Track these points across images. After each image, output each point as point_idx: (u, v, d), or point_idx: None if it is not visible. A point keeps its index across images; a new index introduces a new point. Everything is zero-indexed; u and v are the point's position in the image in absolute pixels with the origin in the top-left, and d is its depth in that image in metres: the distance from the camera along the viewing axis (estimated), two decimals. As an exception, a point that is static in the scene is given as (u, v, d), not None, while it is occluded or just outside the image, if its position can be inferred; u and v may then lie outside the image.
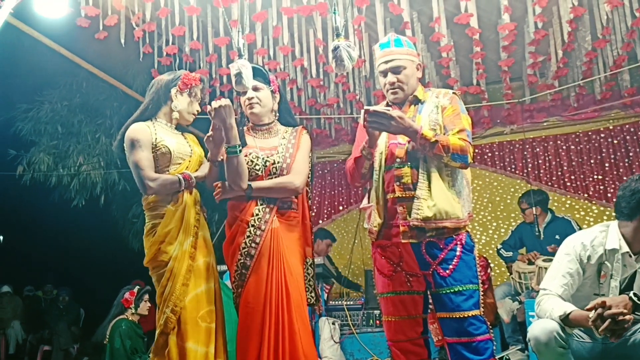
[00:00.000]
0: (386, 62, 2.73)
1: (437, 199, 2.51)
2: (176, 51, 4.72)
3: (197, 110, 2.96)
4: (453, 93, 2.74)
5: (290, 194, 2.87)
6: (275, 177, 2.84)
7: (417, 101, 2.75)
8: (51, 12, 3.92)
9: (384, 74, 2.75)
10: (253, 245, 2.75)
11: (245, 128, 3.01)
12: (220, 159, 2.82)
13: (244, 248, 2.76)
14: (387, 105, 2.80)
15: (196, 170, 2.85)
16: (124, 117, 2.87)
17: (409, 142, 2.60)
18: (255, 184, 2.80)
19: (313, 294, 2.93)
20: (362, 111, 2.53)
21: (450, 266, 2.49)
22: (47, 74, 7.55)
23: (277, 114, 3.04)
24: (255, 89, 2.90)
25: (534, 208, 5.15)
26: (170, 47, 4.65)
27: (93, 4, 4.11)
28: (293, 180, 2.82)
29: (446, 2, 4.47)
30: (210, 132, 2.73)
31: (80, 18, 4.17)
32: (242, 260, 2.76)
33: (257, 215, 2.78)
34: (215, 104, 2.66)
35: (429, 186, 2.53)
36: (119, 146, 2.83)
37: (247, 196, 2.79)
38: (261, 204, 2.80)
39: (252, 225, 2.77)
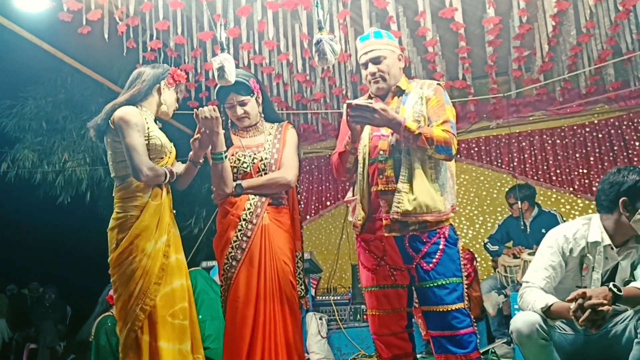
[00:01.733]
0: (366, 53, 2.72)
1: (418, 192, 2.49)
2: (160, 46, 4.68)
3: (176, 107, 2.98)
4: (437, 84, 2.72)
5: (282, 189, 2.93)
6: (265, 174, 2.88)
7: (400, 92, 2.73)
8: (32, 6, 3.88)
9: (365, 65, 2.74)
10: (244, 238, 2.80)
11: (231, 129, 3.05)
12: (201, 161, 2.84)
13: (235, 241, 2.81)
14: (370, 97, 2.79)
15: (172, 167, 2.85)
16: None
17: (392, 134, 2.59)
18: (246, 183, 2.85)
19: (302, 287, 2.99)
20: (344, 105, 2.51)
21: (434, 260, 2.48)
22: (30, 69, 7.49)
23: (262, 114, 3.07)
24: (242, 103, 2.93)
25: (520, 202, 5.17)
26: (154, 41, 4.61)
27: (75, -3, 4.06)
28: (284, 175, 2.88)
29: (431, -4, 4.47)
30: (197, 135, 2.74)
31: (62, 12, 4.12)
32: (232, 253, 2.80)
33: (248, 209, 2.83)
34: (202, 113, 2.67)
35: (411, 179, 2.51)
36: (103, 123, 2.74)
37: (237, 194, 2.83)
38: (253, 198, 2.85)
39: (244, 220, 2.82)
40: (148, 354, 2.52)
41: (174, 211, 2.85)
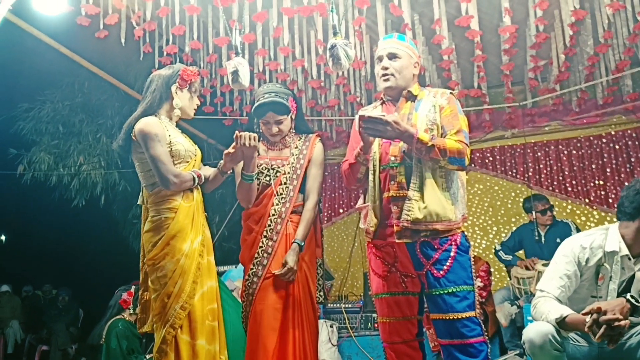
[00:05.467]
0: (384, 47, 2.73)
1: (429, 200, 2.47)
2: (176, 51, 4.70)
3: (197, 104, 2.95)
4: (450, 93, 2.71)
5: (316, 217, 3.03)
6: (285, 186, 2.95)
7: (412, 97, 2.72)
8: (50, 10, 3.91)
9: (380, 59, 2.74)
10: (265, 255, 2.89)
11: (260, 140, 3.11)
12: (229, 172, 2.88)
13: (256, 258, 2.90)
14: (382, 102, 2.79)
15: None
16: (126, 118, 2.86)
17: None
18: (301, 236, 2.88)
19: (322, 293, 3.05)
20: (357, 116, 2.50)
21: (445, 267, 2.46)
22: (48, 73, 7.58)
23: (293, 129, 3.12)
24: (279, 122, 2.98)
25: (549, 211, 5.12)
26: (170, 46, 4.64)
27: (93, 2, 4.09)
28: (315, 203, 2.98)
29: (447, 4, 4.45)
30: (231, 149, 2.75)
31: (80, 17, 4.15)
32: (254, 270, 2.90)
33: (269, 225, 2.92)
34: (243, 139, 2.69)
35: (422, 187, 2.50)
36: (125, 144, 2.79)
37: (299, 246, 2.87)
38: (273, 215, 2.93)
39: (265, 237, 2.91)
40: (187, 352, 2.56)
41: (206, 214, 2.88)
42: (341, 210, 7.18)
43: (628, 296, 2.16)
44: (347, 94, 5.71)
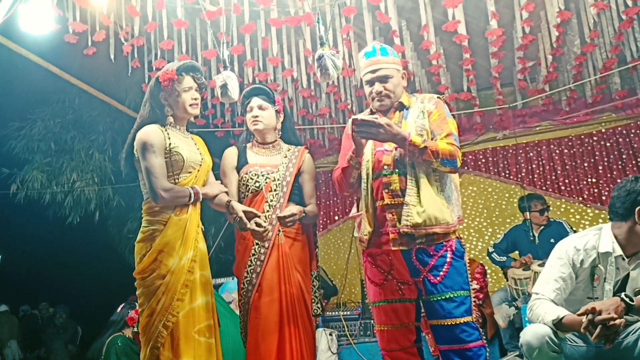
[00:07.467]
0: (373, 71, 2.71)
1: (427, 204, 2.48)
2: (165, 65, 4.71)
3: (194, 98, 2.79)
4: (438, 97, 2.73)
5: (315, 220, 3.13)
6: (275, 193, 2.95)
7: (402, 107, 2.74)
8: (37, 29, 3.90)
9: (371, 83, 2.73)
10: (258, 262, 2.88)
11: (249, 144, 3.12)
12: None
13: (250, 266, 2.90)
14: (372, 112, 2.80)
15: (204, 182, 2.84)
16: (117, 133, 2.87)
17: (395, 148, 2.59)
18: (308, 210, 2.98)
19: (319, 305, 3.05)
20: (350, 120, 2.52)
21: (441, 273, 2.47)
22: (38, 91, 7.57)
23: (280, 133, 3.14)
24: (260, 107, 3.00)
25: (547, 211, 5.13)
26: (159, 61, 4.63)
27: (80, 19, 4.09)
28: (316, 207, 3.11)
29: (434, 10, 4.47)
30: (240, 214, 2.75)
31: (68, 34, 4.15)
32: (248, 278, 2.89)
33: None
34: (257, 226, 2.71)
35: (418, 192, 2.51)
36: (127, 156, 2.76)
37: (301, 221, 2.93)
38: (264, 222, 2.87)
39: (257, 244, 2.90)
40: None
41: (202, 227, 2.83)
42: (336, 218, 7.18)
43: (622, 295, 2.17)
44: (338, 102, 5.72)
